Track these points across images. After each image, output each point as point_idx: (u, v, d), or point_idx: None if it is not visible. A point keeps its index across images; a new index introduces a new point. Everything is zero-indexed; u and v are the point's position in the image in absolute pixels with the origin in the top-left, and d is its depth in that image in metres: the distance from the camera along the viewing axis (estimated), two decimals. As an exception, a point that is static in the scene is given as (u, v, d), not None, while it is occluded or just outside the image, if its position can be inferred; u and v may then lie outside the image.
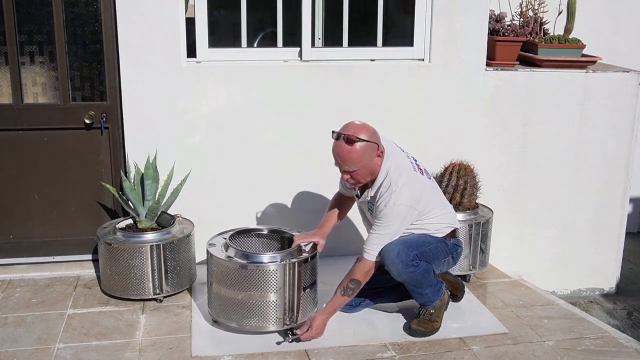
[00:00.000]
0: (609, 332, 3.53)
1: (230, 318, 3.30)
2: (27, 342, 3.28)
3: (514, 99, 4.34)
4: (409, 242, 3.25)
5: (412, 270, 3.24)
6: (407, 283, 3.34)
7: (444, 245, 3.38)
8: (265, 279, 3.21)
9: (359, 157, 3.12)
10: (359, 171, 3.17)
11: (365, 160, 3.15)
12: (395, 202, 3.17)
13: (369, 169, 3.20)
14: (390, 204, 3.17)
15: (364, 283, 3.29)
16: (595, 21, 5.09)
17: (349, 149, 3.11)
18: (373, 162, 3.19)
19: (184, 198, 3.96)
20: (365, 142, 3.12)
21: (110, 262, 3.64)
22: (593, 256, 4.68)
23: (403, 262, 3.21)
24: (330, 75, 4.12)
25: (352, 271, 3.30)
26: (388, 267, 3.26)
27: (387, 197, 3.18)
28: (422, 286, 3.34)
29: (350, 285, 3.28)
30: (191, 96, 3.99)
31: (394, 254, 3.21)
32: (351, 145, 3.11)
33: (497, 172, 4.41)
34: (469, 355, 3.23)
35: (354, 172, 3.17)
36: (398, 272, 3.25)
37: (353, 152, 3.11)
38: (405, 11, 4.31)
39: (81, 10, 3.87)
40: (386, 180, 3.21)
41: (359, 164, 3.14)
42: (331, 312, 3.35)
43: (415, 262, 3.24)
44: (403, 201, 3.18)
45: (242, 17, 4.13)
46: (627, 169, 4.57)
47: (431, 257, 3.32)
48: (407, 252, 3.21)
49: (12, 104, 3.92)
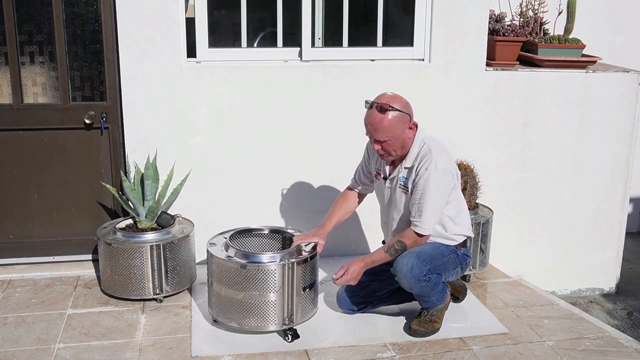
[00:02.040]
0: (609, 332, 3.53)
1: (230, 318, 3.30)
2: (27, 342, 3.28)
3: (514, 99, 4.35)
4: (423, 256, 3.23)
5: (424, 285, 3.24)
6: (417, 294, 3.35)
7: (455, 256, 3.39)
8: (265, 279, 3.21)
9: (391, 126, 3.12)
10: (390, 142, 3.16)
11: (397, 130, 3.14)
12: (437, 165, 3.15)
13: (400, 140, 3.18)
14: (432, 166, 3.14)
15: (410, 249, 3.24)
16: (595, 21, 5.09)
17: (381, 117, 3.12)
18: (405, 134, 3.19)
19: (184, 198, 3.97)
20: (398, 111, 3.13)
21: (110, 262, 3.64)
22: (593, 256, 4.68)
23: (416, 278, 3.20)
24: (330, 76, 4.12)
25: (403, 234, 3.26)
26: (400, 280, 3.25)
27: (428, 160, 3.16)
28: (430, 295, 3.34)
29: (395, 246, 3.24)
30: (191, 96, 3.99)
31: (407, 268, 3.19)
32: (383, 114, 3.12)
33: (497, 172, 4.41)
34: (469, 355, 3.23)
35: (384, 142, 3.16)
36: (410, 287, 3.25)
37: (385, 121, 3.12)
38: (405, 11, 4.31)
39: (81, 10, 3.87)
40: (424, 148, 3.21)
41: (391, 134, 3.14)
42: (369, 262, 3.29)
43: (428, 277, 3.23)
44: (444, 165, 3.17)
45: (242, 17, 4.13)
46: (627, 169, 4.58)
47: (443, 269, 3.32)
48: (420, 267, 3.19)
49: (12, 104, 3.92)
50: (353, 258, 3.40)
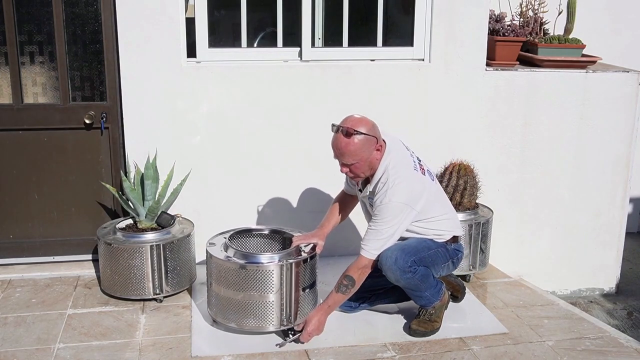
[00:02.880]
0: (609, 332, 3.53)
1: (230, 318, 3.30)
2: (27, 342, 3.28)
3: (514, 99, 4.34)
4: (407, 248, 3.22)
5: (409, 277, 3.22)
6: (406, 288, 3.33)
7: (444, 250, 3.37)
8: (264, 280, 3.21)
9: (356, 150, 3.12)
10: (357, 164, 3.17)
11: (363, 153, 3.14)
12: (391, 199, 3.15)
13: (368, 162, 3.18)
14: (386, 200, 3.15)
15: (359, 280, 3.25)
16: (595, 21, 5.09)
17: (347, 141, 3.11)
18: (372, 156, 3.18)
19: (184, 198, 3.97)
20: (364, 135, 3.12)
21: (110, 262, 3.64)
22: (593, 256, 4.68)
23: (400, 269, 3.19)
24: (330, 76, 4.12)
25: (348, 268, 3.28)
26: (385, 273, 3.24)
27: (384, 193, 3.17)
28: (421, 290, 3.32)
29: (344, 282, 3.25)
30: (191, 96, 4.00)
31: (391, 260, 3.19)
32: (349, 138, 3.11)
33: (497, 172, 4.41)
34: (469, 355, 3.23)
35: (352, 165, 3.17)
36: (396, 279, 3.24)
37: (351, 145, 3.11)
38: (405, 11, 4.31)
39: (81, 10, 3.87)
40: (384, 176, 3.19)
41: (357, 157, 3.14)
42: (326, 309, 3.30)
43: (414, 269, 3.22)
44: (399, 198, 3.15)
45: (242, 17, 4.13)
46: (627, 169, 4.57)
47: (430, 262, 3.31)
48: (404, 259, 3.19)
49: (12, 104, 3.92)
50: (352, 258, 3.37)
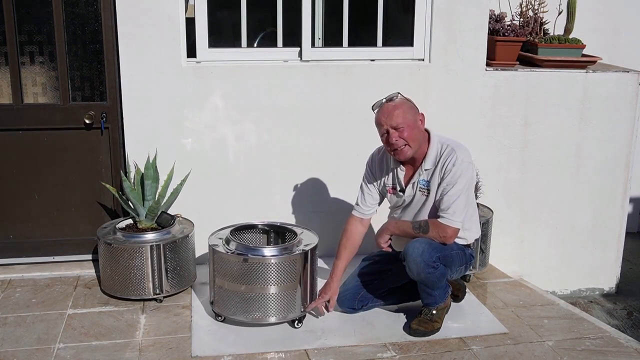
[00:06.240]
0: (609, 332, 3.53)
1: (233, 311, 3.35)
2: (27, 342, 3.28)
3: (514, 99, 4.34)
4: (434, 244, 3.26)
5: (430, 272, 3.24)
6: (422, 283, 3.33)
7: (463, 254, 3.41)
8: (266, 272, 3.24)
9: (404, 110, 3.22)
10: (406, 129, 3.20)
11: (410, 116, 3.23)
12: (463, 159, 3.25)
13: (415, 131, 3.23)
14: (459, 160, 3.23)
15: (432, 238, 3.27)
16: (595, 21, 5.09)
17: (394, 104, 3.25)
18: (418, 125, 3.25)
19: (184, 198, 3.96)
20: (406, 100, 3.29)
21: (110, 262, 3.64)
22: (593, 256, 4.68)
23: (425, 262, 3.21)
24: (330, 76, 4.12)
25: (433, 220, 3.30)
26: (408, 263, 3.24)
27: (452, 156, 3.25)
28: (434, 288, 3.34)
29: (422, 225, 3.30)
30: (191, 96, 4.00)
31: (417, 252, 3.21)
32: (394, 102, 3.25)
33: (497, 172, 4.41)
34: (469, 355, 3.23)
35: (401, 129, 3.20)
36: (417, 271, 3.24)
37: (398, 107, 3.23)
38: (405, 11, 4.31)
39: (81, 10, 3.87)
40: (444, 146, 3.31)
41: (405, 118, 3.21)
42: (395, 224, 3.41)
43: (436, 265, 3.24)
44: (468, 158, 3.27)
45: (242, 17, 4.13)
46: (627, 169, 4.57)
47: (450, 262, 3.33)
48: (430, 253, 3.21)
49: (12, 104, 3.92)
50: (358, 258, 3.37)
